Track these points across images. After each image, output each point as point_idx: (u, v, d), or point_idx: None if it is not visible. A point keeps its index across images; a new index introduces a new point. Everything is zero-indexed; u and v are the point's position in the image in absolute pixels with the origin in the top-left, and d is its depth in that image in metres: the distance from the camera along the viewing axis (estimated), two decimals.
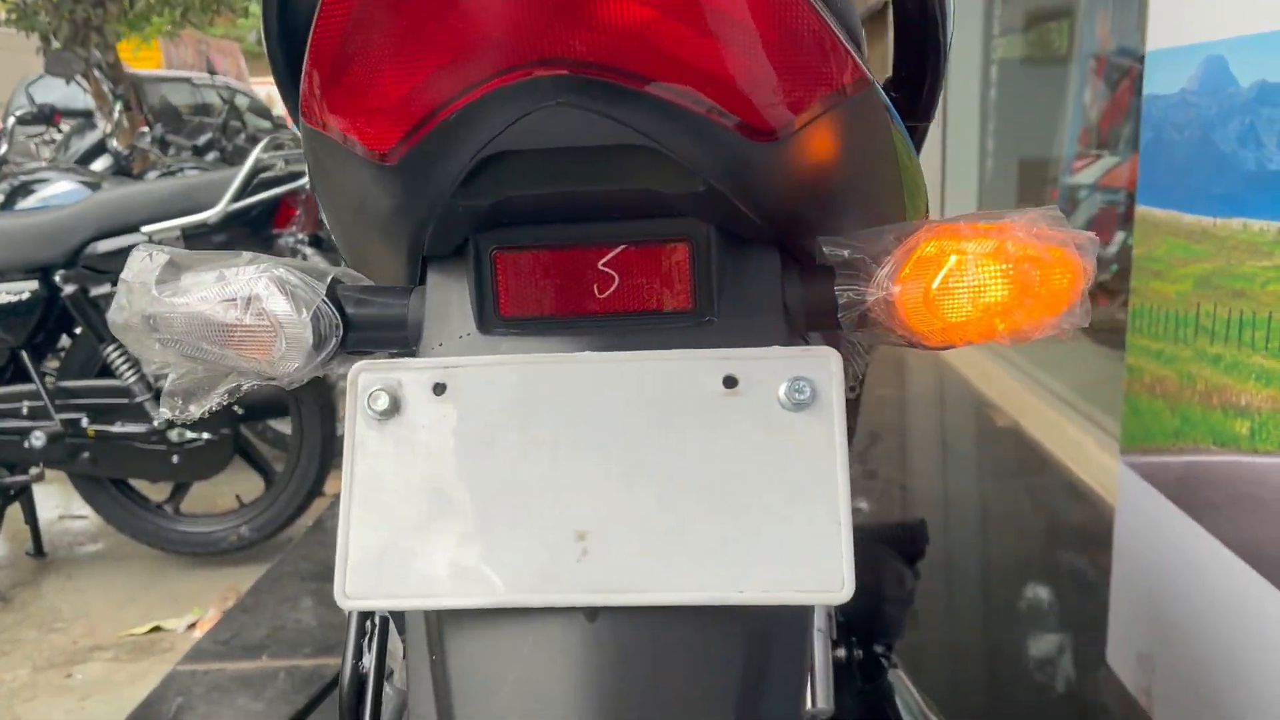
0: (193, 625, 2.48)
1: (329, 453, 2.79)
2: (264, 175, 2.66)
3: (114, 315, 0.60)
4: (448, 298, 0.58)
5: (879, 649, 1.09)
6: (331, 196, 0.61)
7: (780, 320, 0.56)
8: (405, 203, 0.55)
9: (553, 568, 0.51)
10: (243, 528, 2.78)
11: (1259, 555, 1.35)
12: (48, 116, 3.69)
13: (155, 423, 2.59)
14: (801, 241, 0.58)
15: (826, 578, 0.50)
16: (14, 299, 2.59)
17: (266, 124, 7.02)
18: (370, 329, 0.60)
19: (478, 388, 0.53)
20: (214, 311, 0.58)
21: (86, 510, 3.30)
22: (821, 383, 0.52)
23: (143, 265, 0.59)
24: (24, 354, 2.63)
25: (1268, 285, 1.32)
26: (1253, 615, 1.37)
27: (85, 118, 4.05)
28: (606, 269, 0.55)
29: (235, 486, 2.94)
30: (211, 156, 4.87)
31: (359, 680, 0.66)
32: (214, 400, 0.62)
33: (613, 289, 0.55)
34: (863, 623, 1.09)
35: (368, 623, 0.68)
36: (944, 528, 2.64)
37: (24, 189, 3.24)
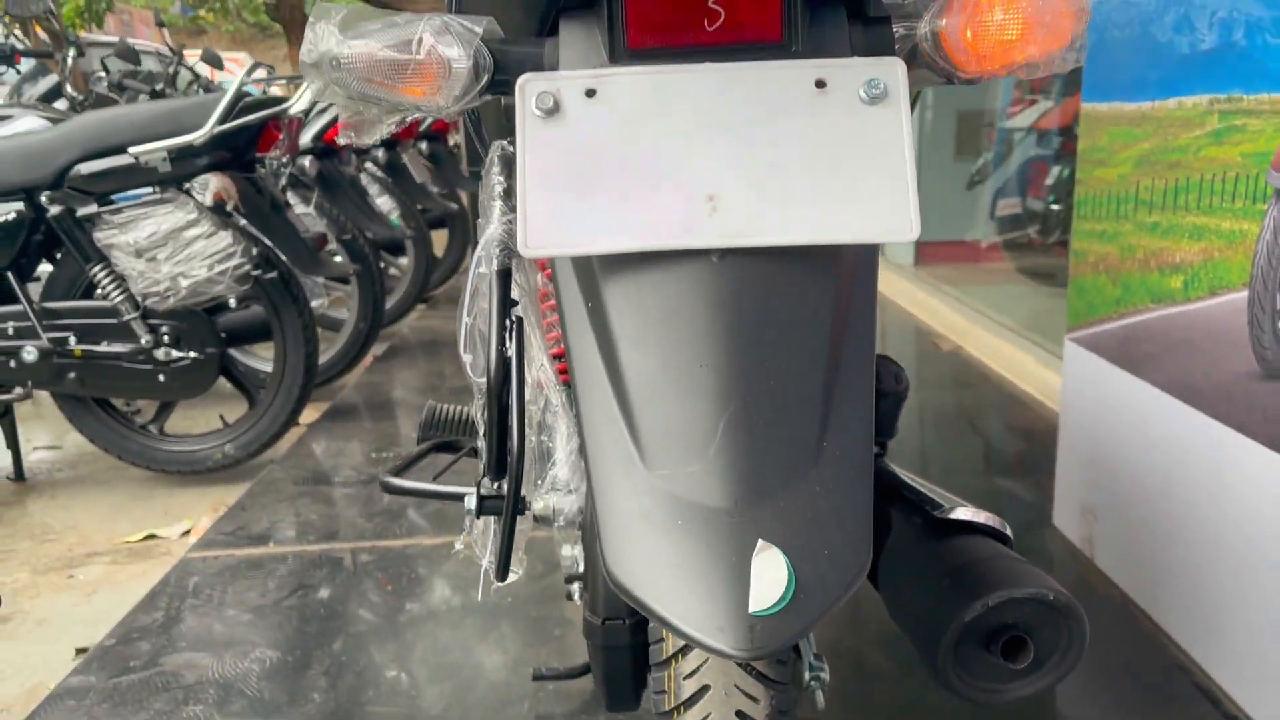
0: (187, 532, 2.56)
1: (311, 374, 2.88)
2: (246, 100, 2.74)
3: (304, 56, 0.73)
4: (577, 42, 0.73)
5: (875, 449, 1.25)
6: None
7: (848, 53, 0.72)
8: None
9: (690, 220, 0.65)
10: (227, 445, 2.86)
11: (1191, 389, 1.55)
12: (8, 56, 3.68)
13: (142, 341, 2.66)
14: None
15: (900, 222, 0.65)
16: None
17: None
18: (513, 70, 0.74)
19: (622, 91, 0.68)
20: (390, 53, 0.72)
21: (58, 441, 3.35)
22: (891, 83, 0.67)
23: (328, 14, 0.72)
24: (10, 275, 2.67)
25: (1200, 152, 1.52)
26: (1184, 446, 1.57)
27: (47, 57, 4.03)
28: (716, 6, 0.70)
29: (216, 409, 3.03)
30: None
31: (504, 365, 0.80)
32: (384, 130, 0.75)
33: (719, 23, 0.70)
34: None
35: (506, 321, 0.81)
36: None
37: None
